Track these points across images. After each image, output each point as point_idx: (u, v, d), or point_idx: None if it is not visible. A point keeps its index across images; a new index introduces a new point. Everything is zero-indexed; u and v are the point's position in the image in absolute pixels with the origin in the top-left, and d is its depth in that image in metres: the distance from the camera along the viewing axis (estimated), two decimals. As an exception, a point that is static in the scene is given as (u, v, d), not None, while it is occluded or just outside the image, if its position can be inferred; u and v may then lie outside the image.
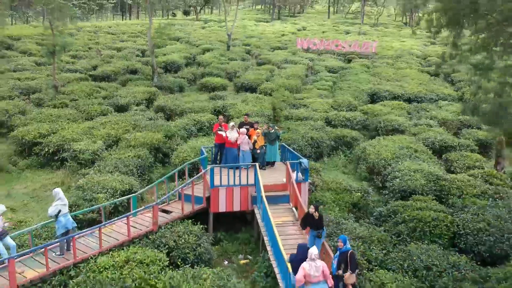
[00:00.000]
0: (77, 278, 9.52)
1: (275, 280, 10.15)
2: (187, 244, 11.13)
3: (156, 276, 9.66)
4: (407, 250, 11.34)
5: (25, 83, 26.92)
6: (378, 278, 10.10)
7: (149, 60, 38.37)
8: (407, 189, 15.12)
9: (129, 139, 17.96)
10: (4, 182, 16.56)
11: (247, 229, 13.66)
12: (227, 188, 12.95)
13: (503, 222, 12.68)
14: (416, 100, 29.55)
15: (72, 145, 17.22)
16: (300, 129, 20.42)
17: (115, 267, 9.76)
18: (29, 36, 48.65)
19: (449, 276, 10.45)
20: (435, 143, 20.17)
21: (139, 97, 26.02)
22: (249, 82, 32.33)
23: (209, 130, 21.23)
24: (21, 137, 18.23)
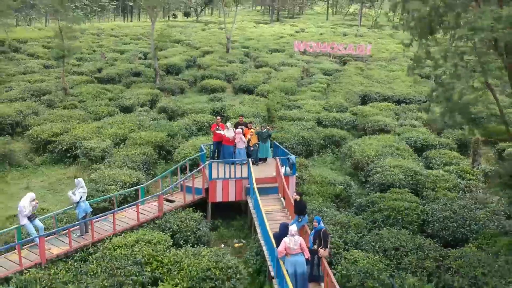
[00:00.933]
0: (95, 254, 11.24)
1: (264, 258, 11.85)
2: (188, 228, 12.86)
3: (162, 253, 11.37)
4: (379, 234, 13.03)
5: (35, 85, 28.61)
6: (352, 256, 11.78)
7: (152, 62, 40.07)
8: (386, 182, 16.80)
9: (135, 138, 19.68)
10: (22, 177, 18.27)
11: (242, 217, 15.36)
12: (224, 181, 14.67)
13: (467, 211, 14.37)
14: (405, 101, 31.21)
15: (84, 143, 18.93)
16: (292, 129, 22.11)
17: (127, 246, 11.46)
18: (35, 39, 50.36)
19: (414, 255, 12.13)
20: (416, 142, 21.85)
21: (143, 98, 27.72)
22: (247, 84, 34.04)
23: (208, 129, 22.88)
24: (36, 135, 19.98)
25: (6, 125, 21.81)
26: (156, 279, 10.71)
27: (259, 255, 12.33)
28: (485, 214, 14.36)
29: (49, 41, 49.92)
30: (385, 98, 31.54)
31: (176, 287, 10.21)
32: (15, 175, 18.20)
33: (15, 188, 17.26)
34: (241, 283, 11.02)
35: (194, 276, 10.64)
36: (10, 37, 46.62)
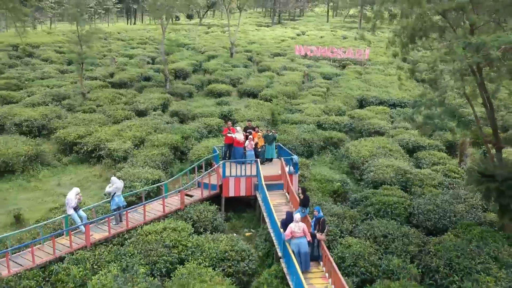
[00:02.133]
0: (130, 239, 13.33)
1: (271, 243, 13.94)
2: (206, 218, 14.95)
3: (186, 239, 13.45)
4: (371, 224, 15.09)
5: (54, 90, 30.68)
6: (347, 242, 13.83)
7: (160, 67, 42.22)
8: (379, 180, 18.87)
9: (153, 140, 21.76)
10: (52, 175, 20.36)
11: (251, 211, 17.45)
12: (236, 178, 16.75)
13: (448, 205, 16.45)
14: (400, 105, 33.24)
15: (107, 144, 21.01)
16: (294, 132, 24.17)
17: (156, 232, 13.54)
18: (47, 43, 52.39)
19: (399, 241, 14.18)
20: (408, 143, 23.91)
21: (155, 103, 29.79)
22: (251, 88, 36.09)
23: (218, 132, 24.99)
24: (63, 137, 22.08)
25: (33, 128, 23.87)
26: (182, 260, 12.80)
27: (267, 241, 14.42)
28: (464, 208, 16.45)
29: (61, 45, 52.08)
30: (381, 101, 33.60)
31: (199, 265, 12.26)
32: (46, 173, 20.28)
33: (48, 185, 19.37)
34: (253, 263, 13.12)
35: (214, 257, 12.74)
36: (23, 42, 48.69)
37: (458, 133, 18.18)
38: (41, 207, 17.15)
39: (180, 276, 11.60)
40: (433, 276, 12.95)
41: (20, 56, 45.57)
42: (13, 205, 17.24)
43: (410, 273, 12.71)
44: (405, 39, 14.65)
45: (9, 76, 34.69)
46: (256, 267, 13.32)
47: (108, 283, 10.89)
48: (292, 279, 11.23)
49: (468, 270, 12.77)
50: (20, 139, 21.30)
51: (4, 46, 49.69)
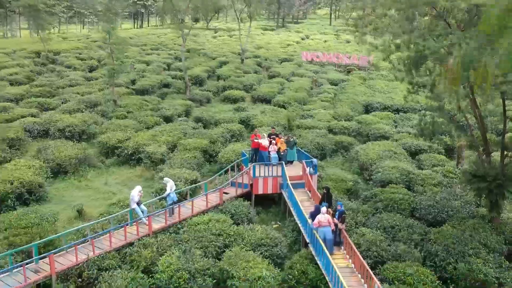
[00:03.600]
0: (183, 229, 16.12)
1: (298, 233, 16.73)
2: (242, 212, 17.73)
3: (228, 228, 16.22)
4: (380, 217, 17.84)
5: (86, 97, 33.46)
6: (361, 232, 16.57)
7: (177, 74, 44.99)
8: (386, 180, 21.60)
9: (185, 144, 24.52)
10: (98, 175, 23.15)
11: (276, 206, 20.22)
12: (264, 178, 19.53)
13: (446, 201, 19.20)
14: (403, 110, 35.97)
15: (145, 148, 23.78)
16: (308, 136, 26.92)
17: (203, 223, 16.32)
18: (67, 50, 55.10)
19: (405, 231, 16.93)
20: (411, 147, 26.64)
21: (179, 109, 32.55)
22: (264, 94, 38.85)
23: (239, 137, 27.77)
24: (105, 142, 24.86)
25: (75, 133, 26.64)
26: (226, 245, 15.56)
27: (294, 231, 17.21)
28: (459, 203, 19.20)
29: (80, 52, 54.86)
30: (385, 107, 36.36)
31: (241, 249, 15.03)
32: (93, 174, 23.07)
33: (97, 184, 22.15)
34: (284, 248, 15.90)
35: (253, 243, 15.52)
36: (46, 49, 51.49)
37: (456, 137, 20.91)
38: (95, 203, 19.92)
39: (229, 257, 14.38)
40: (433, 259, 15.69)
41: (44, 63, 48.30)
42: (71, 201, 20.03)
43: (414, 257, 15.46)
44: (407, 66, 17.32)
45: (41, 84, 37.47)
46: (286, 252, 16.09)
47: (173, 262, 13.67)
48: (320, 259, 14.02)
49: (461, 254, 15.52)
50: (68, 144, 24.08)
51: (27, 53, 52.46)
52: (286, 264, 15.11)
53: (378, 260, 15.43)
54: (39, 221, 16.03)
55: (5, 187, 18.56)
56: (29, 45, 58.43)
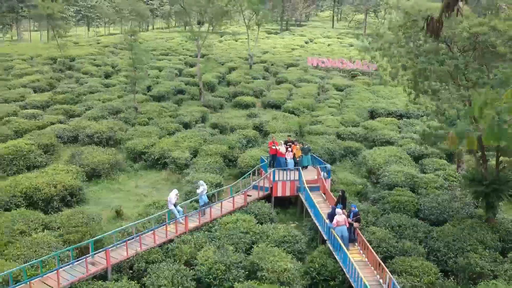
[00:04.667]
0: (214, 227, 18.19)
1: (315, 231, 18.80)
2: (264, 212, 19.80)
3: (253, 227, 18.28)
4: (388, 217, 19.89)
5: (108, 104, 35.54)
6: (372, 230, 18.61)
7: (189, 80, 47.07)
8: (392, 183, 23.65)
9: (206, 150, 26.58)
10: (128, 178, 25.23)
11: (293, 207, 22.29)
12: (282, 182, 21.59)
13: (447, 203, 21.27)
14: (406, 116, 37.99)
15: (170, 153, 25.84)
16: (319, 142, 28.94)
17: (231, 222, 18.38)
18: (81, 56, 57.18)
19: (410, 230, 18.99)
20: (414, 152, 28.69)
21: (196, 115, 34.61)
22: (274, 100, 40.91)
23: (254, 142, 29.80)
24: (133, 148, 26.94)
25: (102, 139, 28.71)
26: (253, 242, 17.63)
27: (312, 229, 19.30)
28: (459, 205, 21.25)
29: (94, 58, 56.94)
30: (389, 113, 38.36)
31: (267, 246, 17.08)
32: (124, 177, 25.15)
33: (128, 186, 24.23)
34: (304, 245, 17.96)
35: (276, 240, 17.57)
36: (62, 55, 53.56)
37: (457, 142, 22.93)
38: (129, 204, 22.00)
39: (257, 252, 16.44)
40: (436, 254, 17.76)
41: (62, 69, 50.38)
42: (107, 203, 22.12)
43: (419, 252, 17.51)
44: (413, 84, 19.38)
45: (63, 91, 39.57)
46: (305, 248, 18.16)
47: (210, 256, 15.74)
48: (338, 254, 16.10)
49: (461, 250, 17.57)
50: (99, 150, 26.15)
51: (43, 59, 54.60)
52: (307, 258, 17.18)
53: (387, 255, 17.48)
54: (87, 220, 18.08)
55: (50, 190, 20.61)
56: (43, 51, 60.59)
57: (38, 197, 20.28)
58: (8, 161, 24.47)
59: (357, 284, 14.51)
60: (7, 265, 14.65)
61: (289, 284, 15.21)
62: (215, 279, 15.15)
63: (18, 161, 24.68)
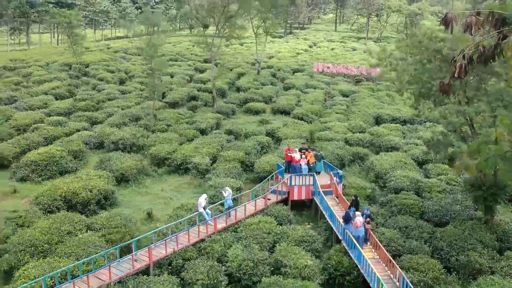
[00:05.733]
0: (239, 228, 20.17)
1: (330, 231, 20.78)
2: (283, 215, 21.77)
3: (274, 228, 20.26)
4: (396, 219, 21.86)
5: (128, 111, 37.48)
6: (381, 231, 20.57)
7: (201, 86, 49.00)
8: (398, 187, 25.60)
9: (225, 156, 28.54)
10: (153, 183, 27.21)
11: (307, 210, 24.26)
12: (298, 187, 23.57)
13: (449, 206, 23.23)
14: (410, 122, 39.94)
15: (192, 159, 27.80)
16: (329, 148, 30.88)
17: (255, 223, 20.30)
18: (95, 62, 59.00)
19: (416, 230, 20.94)
20: (418, 157, 30.64)
21: (211, 122, 36.54)
22: (283, 106, 42.82)
23: (268, 148, 31.74)
24: (156, 154, 28.92)
25: (126, 145, 30.66)
26: (275, 241, 19.60)
27: (327, 230, 21.28)
28: (460, 208, 23.20)
29: (108, 64, 58.85)
30: (394, 119, 40.34)
31: (288, 245, 19.04)
32: (149, 182, 27.14)
33: (154, 190, 26.21)
34: (320, 244, 19.93)
35: (295, 240, 19.55)
36: (78, 61, 55.48)
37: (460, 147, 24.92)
38: (158, 207, 23.95)
39: (280, 250, 18.41)
40: (439, 253, 19.71)
41: (78, 75, 52.29)
42: (137, 205, 24.09)
43: (424, 251, 19.47)
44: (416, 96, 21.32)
45: (83, 98, 41.51)
46: (322, 247, 20.13)
47: (239, 253, 17.72)
48: (352, 251, 18.07)
49: (462, 249, 19.52)
50: (126, 156, 28.12)
51: (59, 65, 56.50)
52: (324, 256, 19.15)
53: (395, 253, 19.44)
54: (125, 222, 20.06)
55: (87, 194, 22.59)
56: (57, 56, 62.55)
57: (77, 201, 22.24)
58: (43, 166, 26.41)
59: (371, 279, 16.48)
60: (62, 262, 16.63)
61: (309, 278, 17.18)
62: (245, 274, 17.15)
63: (51, 167, 26.63)
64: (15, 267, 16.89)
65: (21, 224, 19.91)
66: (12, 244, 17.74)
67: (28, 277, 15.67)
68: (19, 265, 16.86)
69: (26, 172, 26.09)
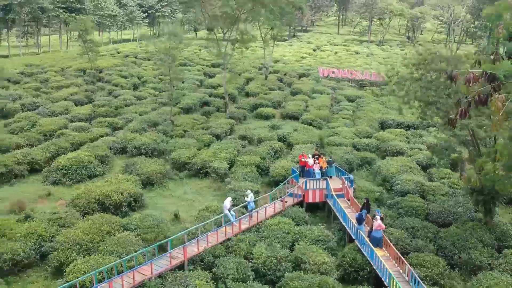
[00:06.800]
0: (261, 228, 22.15)
1: (343, 232, 22.77)
2: (299, 216, 23.75)
3: (293, 228, 22.24)
4: (403, 220, 23.82)
5: (146, 117, 39.48)
6: (390, 231, 22.54)
7: (212, 91, 51.01)
8: (404, 190, 27.56)
9: (241, 160, 30.52)
10: (176, 186, 29.19)
11: (321, 212, 26.23)
12: (313, 190, 25.55)
13: (452, 208, 25.19)
14: (413, 127, 41.90)
15: (211, 164, 29.77)
16: (338, 153, 32.86)
17: (275, 224, 22.30)
18: (107, 67, 61.06)
19: (422, 230, 22.90)
20: (423, 162, 32.62)
21: (225, 127, 38.50)
22: (292, 111, 44.76)
23: (281, 153, 33.70)
24: (177, 158, 30.91)
25: (148, 150, 32.65)
26: (294, 240, 21.58)
27: (340, 230, 23.27)
28: (462, 210, 25.16)
29: (120, 69, 60.82)
30: (398, 124, 42.30)
31: (306, 244, 21.01)
32: (172, 185, 29.12)
33: (177, 193, 28.19)
34: (335, 243, 21.92)
35: (312, 239, 21.53)
36: (92, 67, 57.51)
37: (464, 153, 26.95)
38: (182, 208, 25.90)
39: (299, 249, 20.39)
40: (443, 251, 21.67)
41: (93, 81, 54.32)
42: (163, 207, 26.06)
43: (429, 249, 21.43)
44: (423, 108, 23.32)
45: (101, 104, 43.50)
46: (336, 246, 22.11)
47: (264, 251, 19.71)
48: (365, 249, 20.06)
49: (464, 247, 21.47)
50: (150, 160, 30.09)
51: (74, 70, 58.61)
52: (339, 254, 21.13)
53: (403, 251, 21.38)
54: (157, 223, 22.05)
55: (119, 197, 24.55)
56: (70, 62, 64.64)
57: (110, 203, 24.20)
58: (73, 171, 28.40)
59: (383, 273, 18.47)
60: (106, 259, 18.61)
61: (327, 274, 19.15)
62: (269, 270, 19.13)
63: (80, 171, 28.62)
64: (64, 263, 18.84)
65: (62, 225, 21.88)
66: (59, 243, 19.70)
67: (79, 272, 17.64)
68: (67, 262, 18.82)
69: (58, 176, 28.06)
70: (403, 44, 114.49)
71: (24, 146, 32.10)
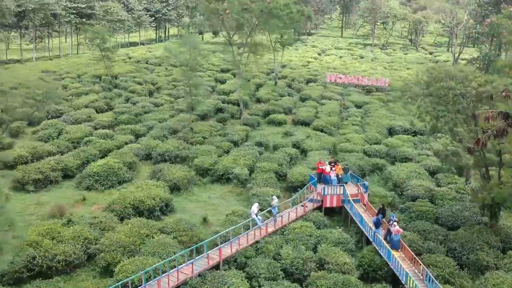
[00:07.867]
0: (285, 231, 24.14)
1: (360, 235, 24.78)
2: (319, 220, 25.74)
3: (314, 231, 24.22)
4: (415, 224, 25.80)
5: (165, 124, 41.44)
6: (403, 234, 24.44)
7: (224, 98, 52.95)
8: (414, 195, 29.54)
9: (261, 167, 32.50)
10: (200, 191, 31.17)
11: (337, 216, 28.20)
12: (330, 195, 27.55)
13: (459, 212, 27.16)
14: (420, 133, 43.80)
15: (232, 170, 31.75)
16: (350, 159, 34.82)
17: (298, 227, 24.29)
18: (122, 74, 62.84)
19: (432, 233, 24.87)
20: (430, 167, 34.59)
21: (241, 134, 40.44)
22: (303, 118, 46.66)
23: (296, 159, 35.68)
24: (200, 164, 32.90)
25: (171, 157, 34.61)
26: (316, 243, 23.57)
27: (357, 233, 25.27)
28: (469, 213, 27.12)
29: (134, 75, 62.72)
30: (405, 130, 44.22)
31: (327, 245, 22.99)
32: (197, 190, 31.12)
33: (202, 198, 30.19)
34: (353, 245, 23.90)
35: (333, 241, 23.51)
36: (109, 73, 59.39)
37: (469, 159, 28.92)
38: (208, 212, 27.86)
39: (322, 250, 22.39)
40: (453, 252, 23.65)
41: (110, 88, 56.18)
42: (190, 211, 28.04)
43: (440, 251, 23.41)
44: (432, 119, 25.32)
45: (122, 111, 45.39)
46: (354, 248, 24.10)
47: (291, 252, 21.71)
48: (382, 250, 22.06)
49: (471, 249, 23.43)
50: (175, 167, 32.07)
51: (90, 77, 60.50)
52: (358, 255, 23.13)
53: (416, 253, 23.34)
54: (190, 226, 24.05)
55: (151, 202, 26.53)
56: (84, 67, 66.54)
57: (143, 208, 26.18)
58: (104, 177, 30.37)
59: (400, 273, 20.48)
60: (149, 259, 20.59)
61: (349, 273, 21.15)
62: (296, 270, 21.15)
63: (111, 177, 30.57)
64: (111, 263, 20.83)
65: (103, 228, 23.87)
66: (104, 245, 21.69)
67: (127, 272, 19.62)
68: (114, 262, 20.81)
69: (91, 182, 30.03)
70: (406, 47, 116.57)
71: (55, 153, 34.07)
